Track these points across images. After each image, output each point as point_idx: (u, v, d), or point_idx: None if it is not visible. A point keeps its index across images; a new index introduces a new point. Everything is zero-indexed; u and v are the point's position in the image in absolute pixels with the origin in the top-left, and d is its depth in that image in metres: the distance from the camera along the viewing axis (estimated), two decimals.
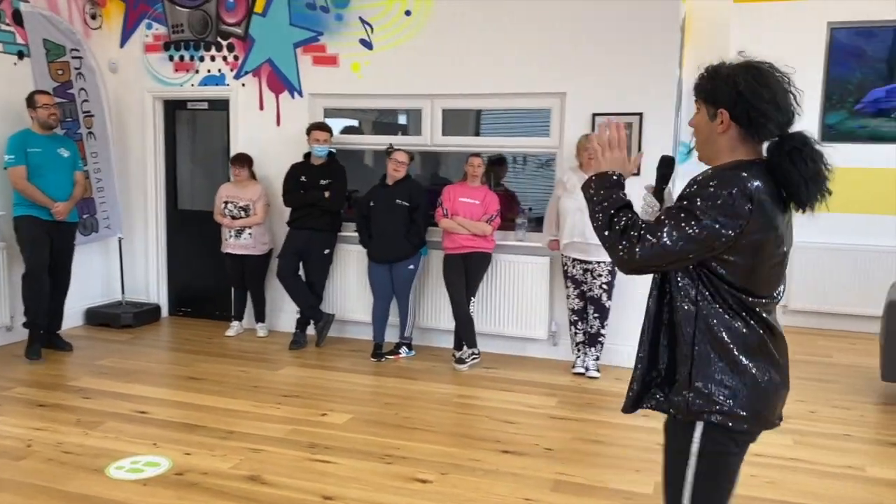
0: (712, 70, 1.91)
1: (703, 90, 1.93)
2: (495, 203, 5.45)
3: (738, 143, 1.88)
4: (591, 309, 5.26)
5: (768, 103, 1.82)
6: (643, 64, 5.23)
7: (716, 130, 1.89)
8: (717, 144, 1.91)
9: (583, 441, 4.11)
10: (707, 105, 1.91)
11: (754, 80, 1.83)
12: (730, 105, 1.85)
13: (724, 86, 1.86)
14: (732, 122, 1.86)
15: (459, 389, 4.96)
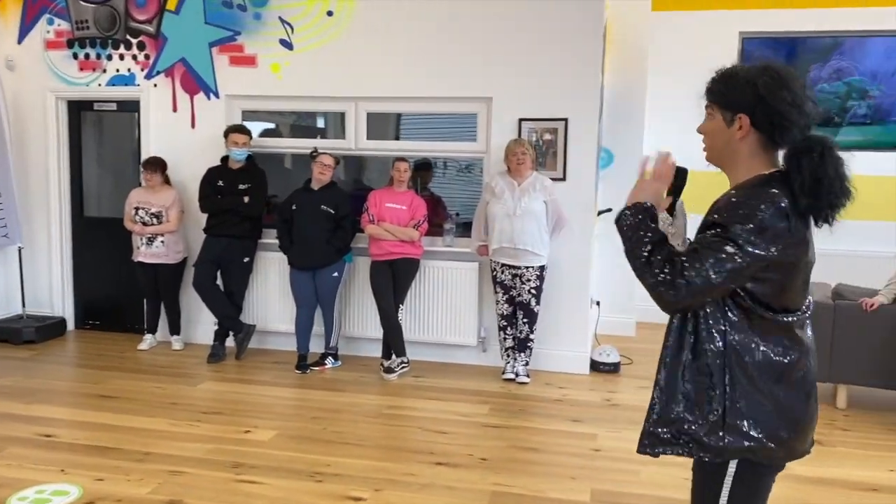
0: (727, 73, 1.84)
1: (718, 94, 1.85)
2: (422, 208, 5.35)
3: (758, 150, 1.82)
4: (520, 314, 5.23)
5: (791, 106, 1.75)
6: (568, 70, 5.24)
7: (734, 137, 1.82)
8: (735, 151, 1.83)
9: (517, 449, 4.05)
10: (723, 110, 1.83)
11: (774, 83, 1.76)
12: (750, 109, 1.78)
13: (743, 89, 1.78)
14: (752, 127, 1.79)
15: (389, 400, 4.83)
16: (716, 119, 1.87)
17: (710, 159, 1.95)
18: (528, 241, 5.06)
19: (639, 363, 5.73)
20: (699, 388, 1.80)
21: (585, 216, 5.37)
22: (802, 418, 1.80)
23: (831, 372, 4.72)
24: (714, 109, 1.87)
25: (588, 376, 5.42)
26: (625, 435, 4.27)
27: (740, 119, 1.80)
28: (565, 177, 5.35)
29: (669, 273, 1.71)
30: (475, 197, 5.63)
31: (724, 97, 1.84)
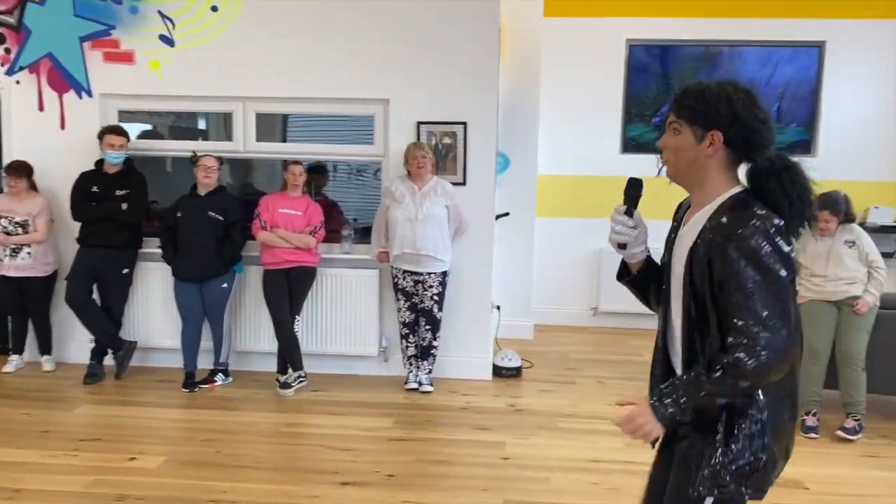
0: (699, 89, 1.81)
1: (690, 110, 1.81)
2: (319, 214, 5.13)
3: (726, 167, 1.82)
4: (422, 321, 5.10)
5: (763, 123, 1.76)
6: (466, 73, 5.17)
7: (703, 153, 1.80)
8: (704, 168, 1.82)
9: (425, 463, 3.92)
10: (693, 126, 1.80)
11: (749, 100, 1.77)
12: (725, 126, 1.77)
13: (718, 106, 1.77)
14: (724, 144, 1.78)
15: (287, 417, 4.57)
16: (683, 135, 1.84)
17: (674, 176, 1.92)
18: (430, 246, 4.94)
19: (539, 366, 5.73)
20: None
21: (486, 220, 5.31)
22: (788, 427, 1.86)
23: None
24: (682, 125, 1.84)
25: (491, 382, 5.36)
26: (532, 441, 4.23)
27: (713, 136, 1.79)
28: (465, 181, 5.27)
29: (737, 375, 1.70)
30: (373, 201, 5.47)
31: (696, 113, 1.81)
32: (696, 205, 1.91)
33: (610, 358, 6.11)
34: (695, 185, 1.88)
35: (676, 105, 1.85)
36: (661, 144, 1.92)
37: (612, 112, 7.11)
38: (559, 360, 5.99)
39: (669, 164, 1.89)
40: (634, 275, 2.11)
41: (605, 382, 5.40)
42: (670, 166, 1.90)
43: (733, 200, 1.80)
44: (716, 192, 1.84)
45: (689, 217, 1.93)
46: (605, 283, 7.08)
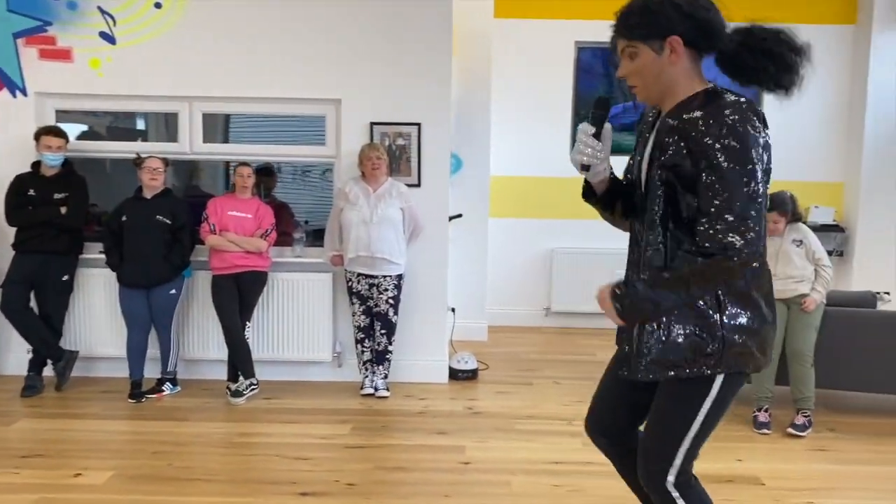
0: (639, 7, 1.80)
1: (640, 27, 1.80)
2: (270, 216, 5.00)
3: (691, 67, 1.83)
4: (377, 325, 5.02)
5: (710, 11, 1.78)
6: (420, 73, 5.12)
7: (667, 62, 1.81)
8: (671, 77, 1.83)
9: (385, 470, 3.84)
10: (650, 41, 1.80)
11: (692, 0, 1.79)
12: (681, 29, 1.77)
13: (667, 13, 1.77)
14: (686, 46, 1.79)
15: (240, 427, 4.44)
16: (642, 54, 1.83)
17: (646, 97, 1.92)
18: (385, 249, 4.87)
19: (495, 368, 5.71)
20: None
21: (441, 222, 5.27)
22: (774, 324, 1.97)
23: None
24: (637, 45, 1.83)
25: (447, 385, 5.31)
26: (491, 444, 4.20)
27: (671, 42, 1.79)
28: (420, 182, 5.21)
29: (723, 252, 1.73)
30: (325, 203, 5.37)
31: (648, 28, 1.81)
32: (669, 113, 1.90)
33: (564, 358, 6.13)
34: (666, 97, 1.88)
35: (624, 28, 1.85)
36: (621, 74, 1.92)
37: (562, 113, 7.15)
38: (514, 361, 5.99)
39: (638, 88, 1.90)
40: (600, 195, 2.12)
41: (560, 383, 5.41)
42: (640, 90, 1.90)
43: (703, 95, 1.82)
44: (688, 93, 1.85)
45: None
46: (556, 284, 7.12)
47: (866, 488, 3.74)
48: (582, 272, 7.09)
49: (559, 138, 7.12)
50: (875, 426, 4.66)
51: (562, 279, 7.12)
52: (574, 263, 7.10)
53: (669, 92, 1.85)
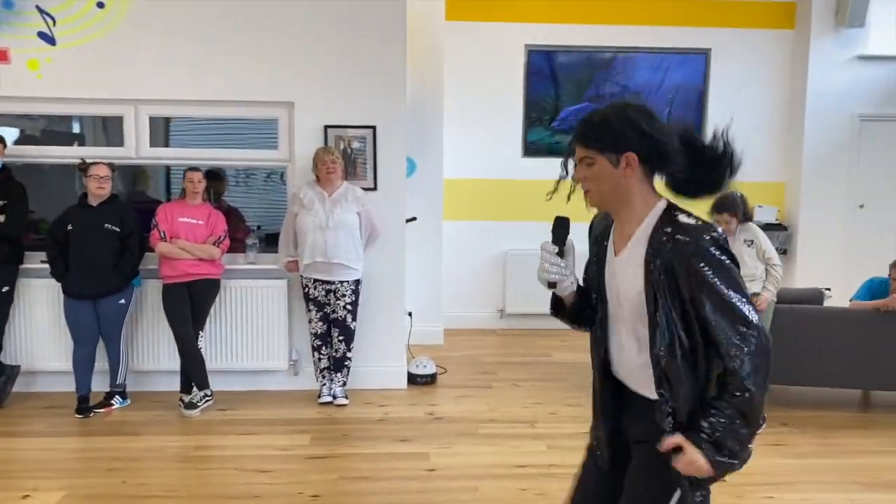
0: (599, 120, 1.86)
1: (598, 140, 1.85)
2: (222, 222, 4.87)
3: (645, 181, 1.89)
4: (335, 332, 4.93)
5: (667, 135, 1.84)
6: (374, 76, 5.06)
7: (622, 175, 1.85)
8: (626, 189, 1.88)
9: (349, 480, 3.77)
10: (607, 154, 1.85)
11: (649, 117, 1.86)
12: (638, 147, 1.83)
13: (625, 130, 1.83)
14: (640, 163, 1.85)
15: (195, 440, 4.30)
16: (598, 164, 1.88)
17: (599, 203, 1.96)
18: (342, 254, 4.79)
19: (453, 372, 5.68)
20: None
21: (398, 226, 5.21)
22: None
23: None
24: (594, 155, 1.87)
25: (406, 391, 5.26)
26: (455, 450, 4.17)
27: (627, 158, 1.84)
28: (376, 186, 5.15)
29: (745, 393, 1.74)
30: (275, 208, 5.26)
31: (606, 142, 1.86)
32: (625, 223, 1.94)
33: (521, 360, 6.14)
34: (621, 206, 1.92)
35: (583, 138, 1.89)
36: (577, 178, 1.95)
37: (513, 116, 7.17)
38: (472, 364, 5.97)
39: (592, 193, 1.93)
40: (569, 307, 2.12)
41: (520, 385, 5.41)
42: (593, 195, 1.93)
43: (666, 216, 1.87)
44: (642, 208, 1.90)
45: (622, 240, 1.95)
46: (510, 285, 7.13)
47: (821, 481, 3.85)
48: (535, 274, 7.10)
49: (511, 141, 7.14)
50: (825, 419, 4.80)
51: (516, 281, 7.14)
52: (527, 265, 7.10)
53: (624, 201, 1.90)
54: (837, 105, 6.96)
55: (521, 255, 7.09)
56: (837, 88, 6.93)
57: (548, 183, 2.05)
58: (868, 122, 6.99)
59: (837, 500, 3.61)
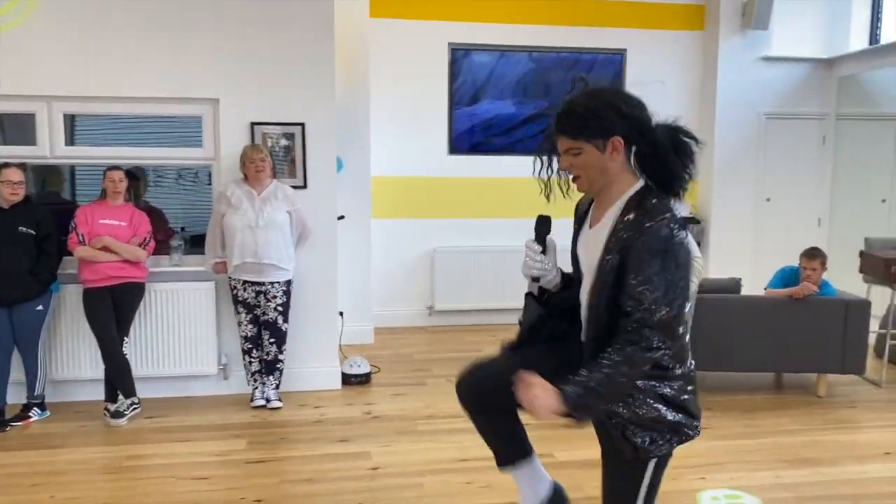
0: (582, 109, 1.93)
1: (585, 129, 1.93)
2: (146, 223, 4.69)
3: (626, 162, 1.97)
4: (266, 334, 4.84)
5: (641, 109, 1.96)
6: (302, 73, 4.98)
7: (609, 159, 1.94)
8: (610, 171, 1.96)
9: (291, 483, 3.71)
10: (594, 140, 1.93)
11: (627, 100, 1.97)
12: (623, 130, 1.92)
13: (609, 115, 1.92)
14: (626, 145, 1.94)
15: (125, 450, 4.13)
16: (586, 152, 1.96)
17: (589, 188, 2.05)
18: (272, 254, 4.70)
19: (386, 370, 5.67)
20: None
21: (329, 225, 5.15)
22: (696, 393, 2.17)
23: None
24: (582, 144, 1.95)
25: (341, 391, 5.21)
26: (396, 448, 4.16)
27: (614, 142, 1.93)
28: (306, 184, 5.08)
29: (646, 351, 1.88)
30: (203, 208, 5.11)
31: (593, 129, 1.94)
32: (605, 200, 2.02)
33: (453, 356, 6.17)
34: (605, 188, 2.01)
35: (569, 130, 1.96)
36: (565, 167, 2.04)
37: (438, 114, 7.19)
38: (405, 362, 5.97)
39: (582, 181, 2.02)
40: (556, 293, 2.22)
41: (453, 381, 5.43)
42: (583, 183, 2.02)
43: (638, 197, 1.96)
44: (623, 187, 1.99)
45: (598, 215, 2.04)
46: (439, 283, 7.16)
47: (747, 460, 4.04)
48: (463, 270, 7.19)
49: (437, 137, 7.17)
50: (745, 402, 5.05)
51: (444, 278, 7.17)
52: (455, 262, 7.18)
53: (607, 184, 1.99)
54: (745, 104, 7.31)
55: (449, 253, 7.13)
56: (745, 88, 7.28)
57: (474, 180, 2.15)
58: (773, 120, 7.37)
59: (765, 478, 3.81)
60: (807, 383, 5.45)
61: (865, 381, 5.51)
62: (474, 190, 7.16)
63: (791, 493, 3.63)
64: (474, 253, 7.19)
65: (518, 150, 7.24)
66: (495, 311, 7.22)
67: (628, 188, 1.98)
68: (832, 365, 5.13)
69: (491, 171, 7.14)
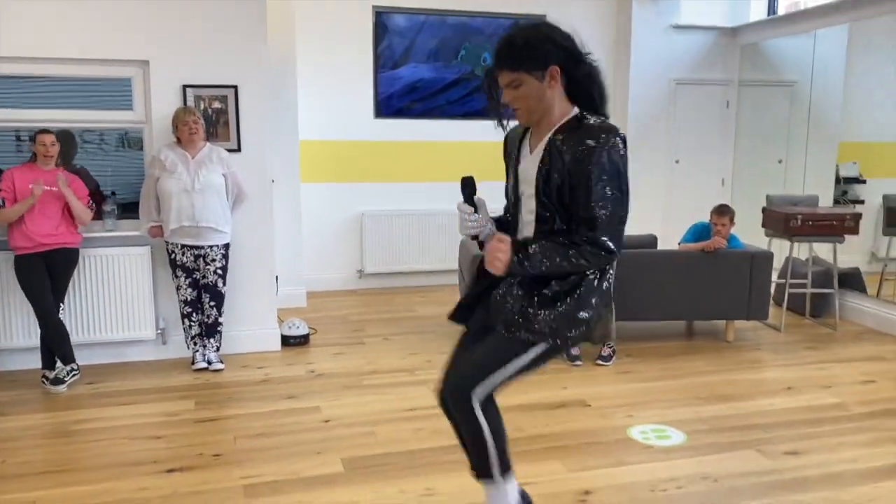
0: (520, 42, 2.08)
1: (524, 60, 2.08)
2: (82, 186, 4.60)
3: (561, 90, 2.14)
4: (206, 297, 4.86)
5: (573, 40, 2.13)
6: (234, 34, 4.95)
7: (548, 88, 2.10)
8: (549, 100, 2.13)
9: (247, 438, 3.81)
10: (534, 72, 2.08)
11: (560, 32, 2.14)
12: (561, 59, 2.08)
13: (546, 46, 2.07)
14: (562, 73, 2.10)
15: (72, 415, 4.11)
16: (526, 83, 2.11)
17: (530, 120, 2.20)
18: (211, 217, 4.72)
19: (323, 332, 5.78)
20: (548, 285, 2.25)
21: (264, 188, 5.18)
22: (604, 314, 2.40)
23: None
24: (522, 76, 2.10)
25: (280, 352, 5.30)
26: (345, 402, 4.32)
27: (552, 71, 2.09)
28: (240, 147, 5.08)
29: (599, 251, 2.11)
30: (127, 174, 5.05)
31: (532, 60, 2.09)
32: (543, 129, 2.21)
33: (387, 316, 6.35)
34: (545, 116, 2.18)
35: (509, 63, 2.11)
36: (507, 101, 2.19)
37: (364, 78, 7.24)
38: (341, 323, 6.10)
39: (521, 111, 2.18)
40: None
41: (390, 339, 5.62)
42: (523, 114, 2.19)
43: (576, 120, 2.15)
44: (559, 115, 2.18)
45: (535, 143, 2.24)
46: (368, 246, 7.28)
47: (668, 399, 4.41)
48: (391, 234, 7.34)
49: (363, 102, 7.22)
50: (662, 349, 5.46)
51: (373, 241, 7.30)
52: (384, 225, 7.31)
53: (548, 112, 2.17)
54: (656, 70, 7.70)
55: (377, 216, 7.26)
56: (656, 55, 7.66)
57: (400, 144, 2.34)
58: (682, 86, 7.80)
59: (686, 413, 4.18)
60: (716, 330, 5.93)
61: (767, 326, 6.05)
62: (400, 154, 7.28)
63: (709, 425, 4.01)
64: (402, 216, 7.34)
65: (442, 114, 7.40)
66: (424, 272, 7.43)
67: (566, 114, 2.18)
68: (739, 312, 5.59)
69: (416, 134, 7.28)
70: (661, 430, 3.94)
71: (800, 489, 3.27)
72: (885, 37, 6.52)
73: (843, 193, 7.29)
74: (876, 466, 3.51)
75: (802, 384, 4.69)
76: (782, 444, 3.76)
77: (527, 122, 2.23)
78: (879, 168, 7.17)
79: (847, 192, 7.35)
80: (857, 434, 3.89)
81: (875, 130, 7.07)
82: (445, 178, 7.40)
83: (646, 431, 3.92)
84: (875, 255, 6.89)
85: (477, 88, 7.54)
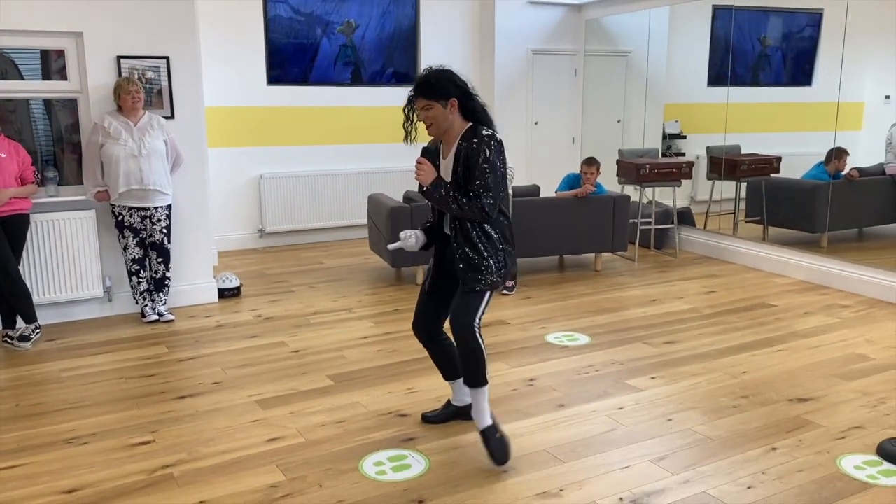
0: (435, 79, 3.04)
1: (436, 92, 3.02)
2: (26, 153, 4.80)
3: (459, 115, 3.08)
4: (153, 255, 5.24)
5: (468, 86, 3.09)
6: (164, 5, 5.26)
7: (450, 113, 3.05)
8: (451, 121, 3.08)
9: (234, 369, 4.35)
10: (441, 101, 3.03)
11: (457, 78, 3.08)
12: (457, 94, 3.04)
13: (448, 85, 3.04)
14: (459, 103, 3.05)
15: (52, 365, 4.41)
16: (435, 108, 3.08)
17: (437, 133, 3.15)
18: (157, 180, 5.09)
19: (249, 286, 6.27)
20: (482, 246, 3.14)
21: (198, 153, 5.58)
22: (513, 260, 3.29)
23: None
24: (433, 103, 3.06)
25: (219, 304, 5.75)
26: (305, 336, 4.93)
27: (452, 102, 3.07)
28: (173, 115, 5.43)
29: (478, 205, 2.99)
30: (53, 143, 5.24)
31: (439, 93, 3.06)
32: (450, 141, 3.16)
33: (300, 269, 6.91)
34: (448, 133, 3.14)
35: (425, 93, 3.06)
36: (422, 119, 3.14)
37: (257, 47, 7.62)
38: (261, 277, 6.60)
39: (433, 128, 3.12)
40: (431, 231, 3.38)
41: (316, 287, 6.24)
42: (434, 129, 3.13)
43: (470, 129, 3.10)
44: (459, 130, 3.13)
45: (446, 150, 3.19)
46: (267, 206, 7.75)
47: (564, 314, 5.45)
48: (289, 194, 7.86)
49: (256, 71, 7.61)
50: (549, 279, 6.52)
51: (271, 202, 7.78)
52: (281, 186, 7.81)
53: (450, 130, 3.10)
54: (516, 42, 8.69)
55: (275, 178, 7.73)
56: (516, 28, 8.64)
57: (291, 109, 3.18)
58: (538, 56, 8.87)
59: (583, 322, 5.25)
60: (584, 262, 7.10)
61: (624, 258, 7.30)
62: (294, 118, 7.80)
63: (604, 328, 5.08)
64: (297, 178, 7.87)
65: (327, 80, 7.98)
66: (320, 229, 8.04)
67: (463, 128, 3.11)
68: (605, 246, 6.77)
69: (308, 100, 7.81)
70: (570, 335, 4.95)
71: (681, 364, 4.40)
72: (698, 18, 7.98)
73: (668, 147, 8.77)
74: (729, 346, 4.73)
75: (662, 297, 5.92)
76: (660, 337, 4.90)
77: (435, 135, 3.13)
78: (695, 125, 8.70)
79: (671, 147, 8.84)
80: (711, 327, 5.13)
81: (691, 92, 8.58)
82: (337, 140, 8.04)
83: (559, 336, 4.91)
84: (693, 198, 8.43)
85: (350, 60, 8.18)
